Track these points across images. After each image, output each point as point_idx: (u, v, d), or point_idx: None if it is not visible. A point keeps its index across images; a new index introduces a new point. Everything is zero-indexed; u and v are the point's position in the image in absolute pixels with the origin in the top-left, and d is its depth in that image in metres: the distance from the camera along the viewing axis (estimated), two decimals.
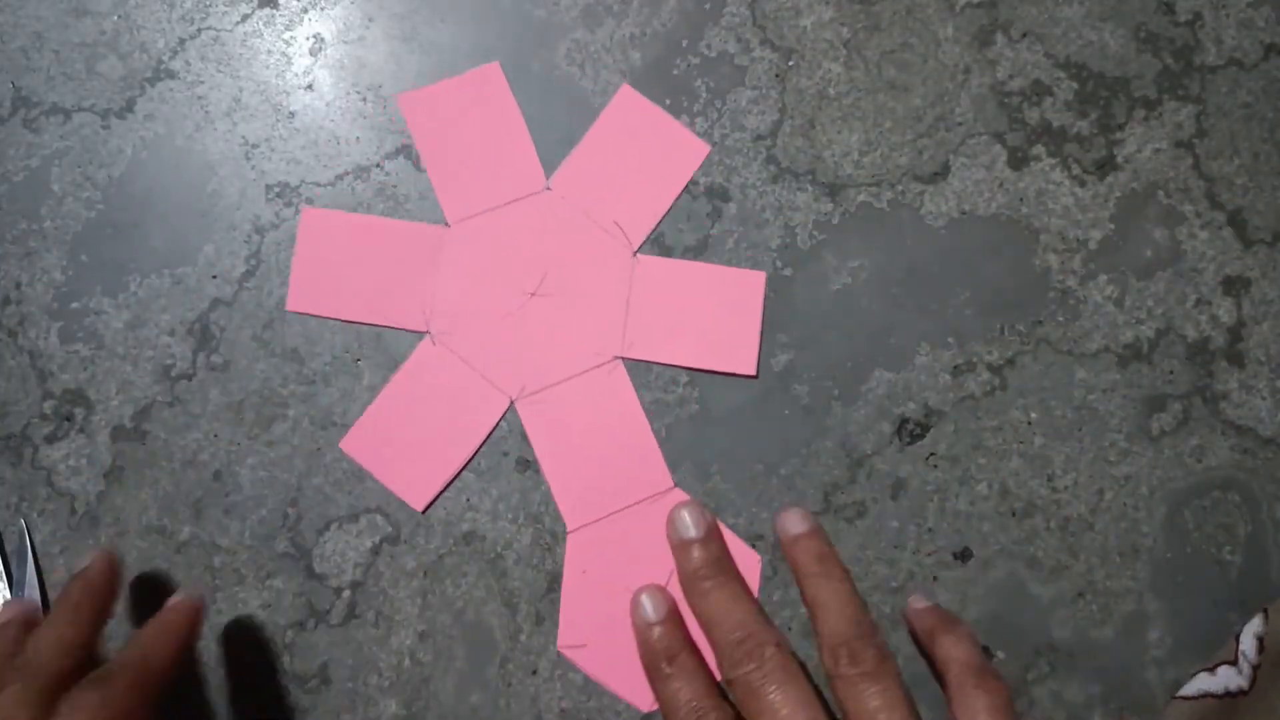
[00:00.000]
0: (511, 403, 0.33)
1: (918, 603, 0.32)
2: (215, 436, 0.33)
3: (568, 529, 0.33)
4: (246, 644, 0.32)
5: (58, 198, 0.34)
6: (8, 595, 0.32)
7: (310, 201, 0.34)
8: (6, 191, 0.34)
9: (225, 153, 0.35)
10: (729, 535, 0.32)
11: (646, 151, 0.34)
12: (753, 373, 0.33)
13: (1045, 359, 0.33)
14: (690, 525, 0.31)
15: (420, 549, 0.33)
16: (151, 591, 0.32)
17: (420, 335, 0.34)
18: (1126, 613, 0.32)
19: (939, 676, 0.29)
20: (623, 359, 0.33)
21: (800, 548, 0.31)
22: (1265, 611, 0.31)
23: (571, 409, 0.33)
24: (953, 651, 0.29)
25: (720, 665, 0.29)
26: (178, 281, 0.34)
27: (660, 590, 0.31)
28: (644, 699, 0.31)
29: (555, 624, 0.32)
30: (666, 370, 0.33)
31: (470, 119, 0.35)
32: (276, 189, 0.35)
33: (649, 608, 0.31)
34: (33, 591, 0.32)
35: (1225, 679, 0.31)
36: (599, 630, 0.32)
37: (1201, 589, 0.32)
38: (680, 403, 0.33)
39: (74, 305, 0.34)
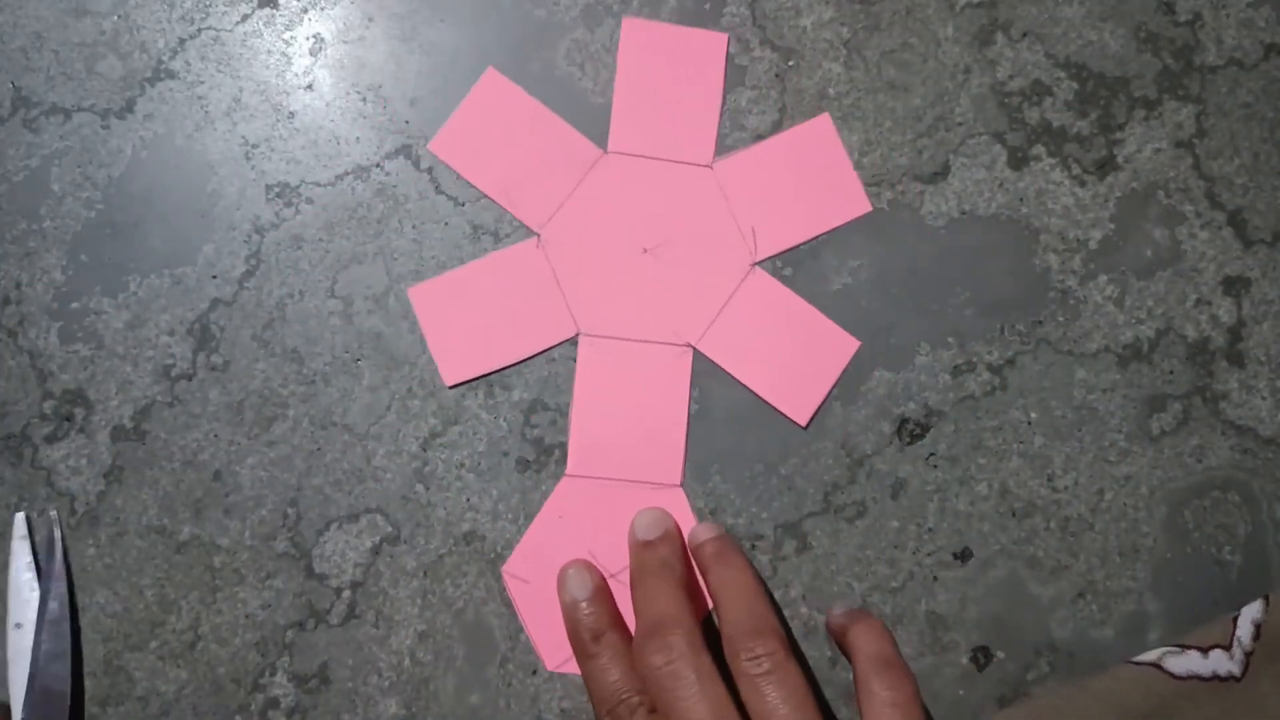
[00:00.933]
0: (578, 334, 0.33)
1: (836, 608, 0.32)
2: (215, 436, 0.33)
3: (567, 472, 0.33)
4: (247, 644, 0.32)
5: (57, 198, 0.34)
6: (36, 585, 0.32)
7: (310, 202, 0.34)
8: (6, 191, 0.34)
9: (225, 153, 0.35)
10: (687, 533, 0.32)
11: (816, 182, 0.34)
12: (804, 425, 0.33)
13: (1045, 359, 0.33)
14: (650, 525, 0.32)
15: (420, 549, 0.33)
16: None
17: (531, 234, 0.34)
18: (1126, 613, 0.32)
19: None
20: (695, 349, 0.33)
21: (700, 553, 0.31)
22: (1266, 598, 0.31)
23: (626, 369, 0.33)
24: (859, 642, 0.29)
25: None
26: (177, 281, 0.34)
27: (588, 567, 0.32)
28: (553, 658, 0.32)
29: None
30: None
31: (679, 68, 0.35)
32: (276, 189, 0.35)
33: (576, 585, 0.31)
34: (60, 583, 0.31)
35: (1216, 663, 0.30)
36: (546, 574, 0.32)
37: (1201, 589, 0.32)
38: None
39: (74, 305, 0.34)
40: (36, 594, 0.31)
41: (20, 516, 0.32)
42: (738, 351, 0.33)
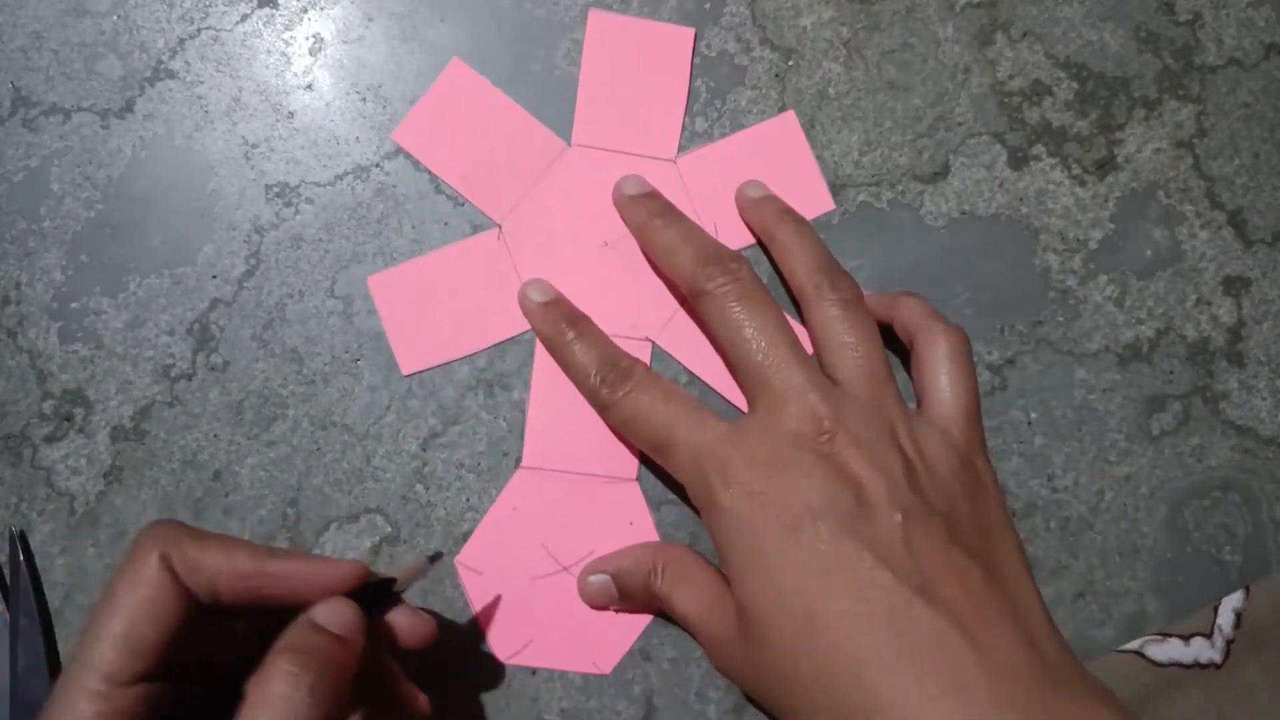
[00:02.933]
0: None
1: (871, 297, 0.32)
2: (215, 436, 0.33)
3: (522, 464, 0.33)
4: None
5: (57, 198, 0.34)
6: (3, 606, 0.32)
7: (310, 202, 0.34)
8: (6, 191, 0.34)
9: (225, 153, 0.35)
10: None
11: (780, 179, 0.34)
12: None
13: (1045, 359, 0.33)
14: (634, 185, 0.33)
15: (420, 549, 0.33)
16: None
17: (492, 226, 0.34)
18: (1126, 613, 0.32)
19: (902, 339, 0.31)
20: (654, 343, 0.33)
21: (761, 208, 0.33)
22: (1247, 588, 0.31)
23: None
24: (908, 306, 0.31)
25: (687, 287, 0.31)
26: (177, 281, 0.34)
27: (544, 280, 0.33)
28: (505, 648, 0.32)
29: None
30: (671, 369, 0.33)
31: (645, 61, 0.35)
32: (276, 189, 0.35)
33: (536, 290, 0.33)
34: (28, 598, 0.31)
35: (1197, 650, 0.31)
36: (500, 567, 0.32)
37: (1202, 589, 0.32)
38: None
39: (74, 305, 0.34)
40: (5, 614, 0.31)
41: None
42: (696, 347, 0.33)
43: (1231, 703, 0.30)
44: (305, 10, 0.36)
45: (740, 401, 0.33)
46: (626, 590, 0.31)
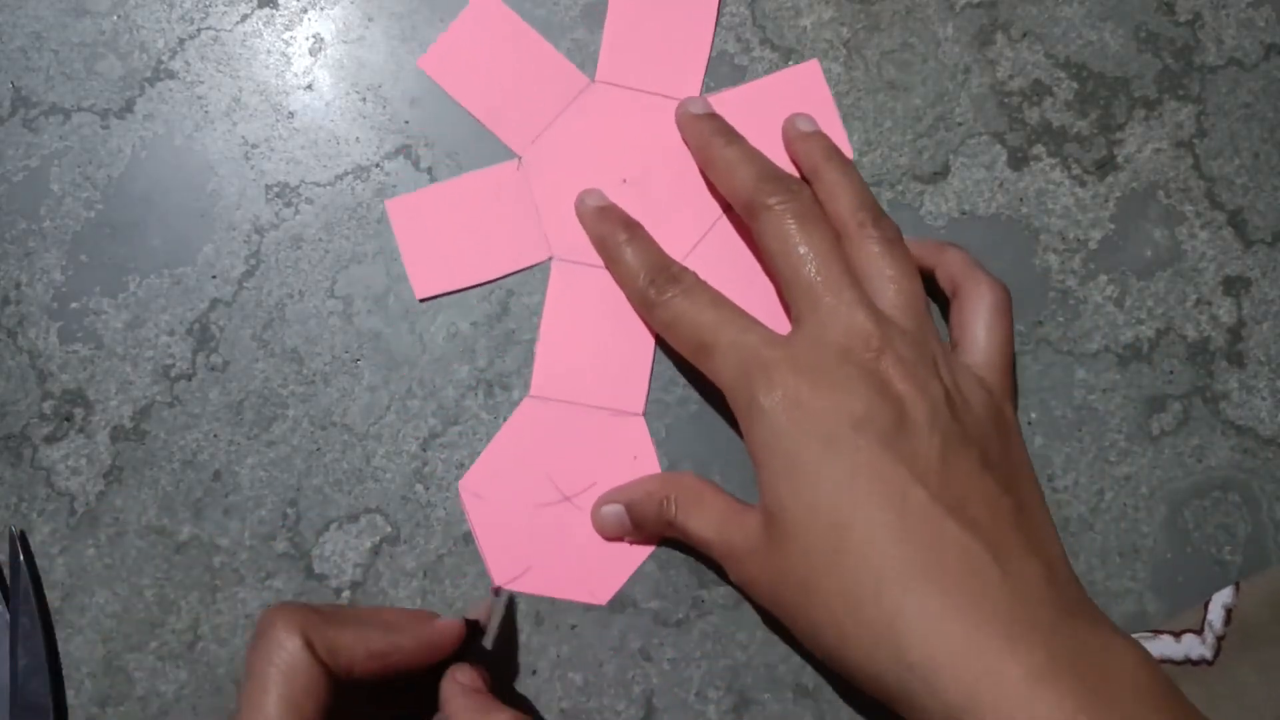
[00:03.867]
0: (550, 258, 0.34)
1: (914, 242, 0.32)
2: (215, 436, 0.33)
3: (530, 393, 0.33)
4: (246, 644, 0.32)
5: (57, 198, 0.34)
6: (3, 606, 0.32)
7: (310, 202, 0.34)
8: (6, 191, 0.34)
9: (225, 153, 0.35)
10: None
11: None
12: None
13: (1045, 359, 0.33)
14: (700, 105, 0.34)
15: (420, 549, 0.33)
16: None
17: (512, 156, 0.34)
18: (1126, 613, 0.32)
19: (945, 288, 0.32)
20: None
21: (809, 142, 0.33)
22: (1237, 584, 0.31)
23: (597, 296, 0.33)
24: (952, 255, 0.32)
25: (746, 202, 0.31)
26: (177, 281, 0.34)
27: (600, 190, 0.34)
28: (504, 574, 0.32)
29: (555, 626, 0.32)
30: (667, 370, 0.33)
31: (673, 2, 0.35)
32: (276, 189, 0.35)
33: (593, 198, 0.34)
34: (29, 599, 0.31)
35: (1188, 647, 0.31)
36: (503, 493, 0.32)
37: (1202, 589, 0.32)
38: (680, 403, 0.33)
39: (74, 305, 0.34)
40: (6, 614, 0.31)
41: None
42: (714, 284, 0.33)
43: (1223, 699, 0.30)
44: (305, 10, 0.36)
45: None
46: (639, 520, 0.31)
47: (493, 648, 0.31)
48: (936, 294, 0.32)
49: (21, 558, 0.32)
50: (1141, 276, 0.34)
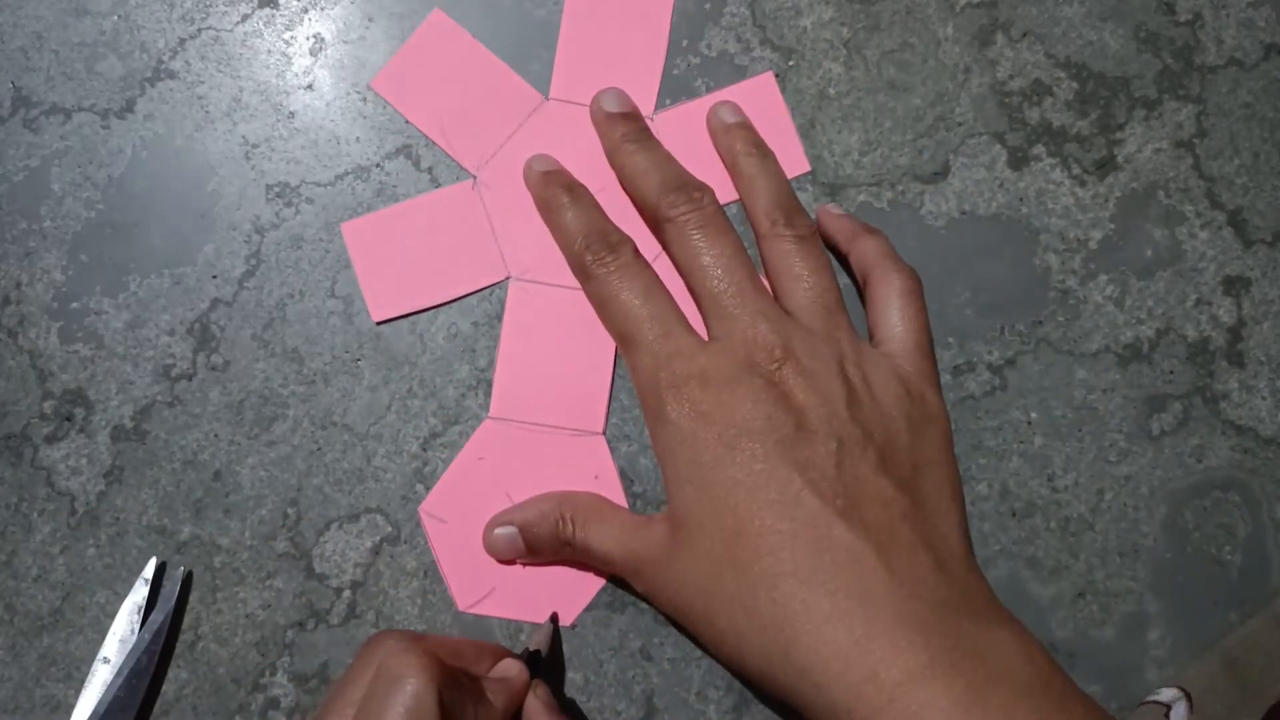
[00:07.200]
0: (508, 278, 0.34)
1: (834, 209, 0.33)
2: (215, 436, 0.33)
3: (490, 414, 0.33)
4: (247, 644, 0.32)
5: (57, 198, 0.34)
6: (136, 630, 0.31)
7: (310, 202, 0.34)
8: (6, 191, 0.34)
9: (225, 153, 0.35)
10: None
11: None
12: None
13: (1045, 359, 0.33)
14: (614, 102, 0.33)
15: (420, 549, 0.33)
16: None
17: (467, 176, 0.34)
18: (1126, 613, 0.32)
19: (857, 275, 0.32)
20: None
21: (731, 135, 0.33)
22: (1189, 697, 0.30)
23: (555, 316, 0.33)
24: (867, 244, 0.32)
25: (651, 214, 0.31)
26: (178, 281, 0.34)
27: (549, 155, 0.34)
28: (467, 597, 0.32)
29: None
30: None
31: (625, 17, 0.35)
32: (276, 189, 0.35)
33: (539, 163, 0.33)
34: (158, 639, 0.31)
35: None
36: (464, 516, 0.32)
37: (1201, 589, 0.32)
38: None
39: (74, 305, 0.34)
40: (134, 638, 0.31)
41: (153, 560, 0.32)
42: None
43: None
44: (306, 10, 0.36)
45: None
46: (534, 542, 0.31)
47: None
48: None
49: (174, 601, 0.31)
50: (1141, 276, 0.34)
